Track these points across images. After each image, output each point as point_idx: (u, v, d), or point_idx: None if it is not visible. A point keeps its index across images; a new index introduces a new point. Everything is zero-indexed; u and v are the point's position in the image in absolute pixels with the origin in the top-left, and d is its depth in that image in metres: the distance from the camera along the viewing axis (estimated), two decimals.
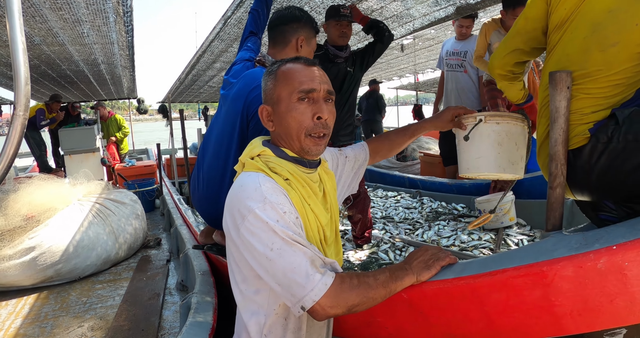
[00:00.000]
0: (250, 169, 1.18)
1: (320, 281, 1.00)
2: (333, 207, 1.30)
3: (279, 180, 1.14)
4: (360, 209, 2.92)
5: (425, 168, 5.23)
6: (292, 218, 1.06)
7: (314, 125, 1.16)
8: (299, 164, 1.20)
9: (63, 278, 3.07)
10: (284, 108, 1.18)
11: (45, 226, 3.13)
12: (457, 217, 3.46)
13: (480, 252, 2.54)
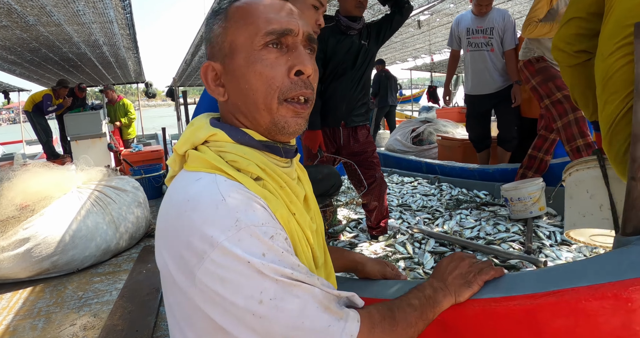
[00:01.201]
0: (197, 166, 0.74)
1: (344, 332, 0.67)
2: (317, 216, 0.96)
3: (247, 181, 0.72)
4: (377, 196, 2.68)
5: (443, 152, 4.95)
6: (282, 243, 0.68)
7: (292, 84, 0.76)
8: (271, 153, 0.80)
9: (60, 271, 2.96)
10: (242, 61, 0.76)
11: (40, 216, 3.01)
12: (479, 205, 3.20)
13: (509, 246, 2.29)
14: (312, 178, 2.01)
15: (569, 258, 2.03)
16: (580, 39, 1.30)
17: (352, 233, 2.95)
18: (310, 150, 2.59)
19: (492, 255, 2.16)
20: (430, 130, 5.60)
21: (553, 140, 3.09)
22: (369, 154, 2.63)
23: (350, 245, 2.70)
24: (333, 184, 2.05)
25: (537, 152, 3.13)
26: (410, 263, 2.32)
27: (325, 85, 2.54)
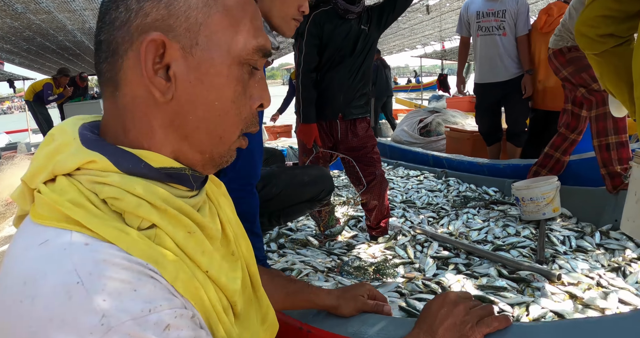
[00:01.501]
0: (46, 217, 0.49)
1: None
2: (240, 243, 0.74)
3: (124, 240, 0.48)
4: (377, 195, 2.50)
5: (451, 144, 4.73)
6: (187, 330, 0.47)
7: (254, 118, 0.63)
8: (175, 184, 0.58)
9: None
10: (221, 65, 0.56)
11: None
12: (488, 203, 3.00)
13: (519, 253, 2.09)
14: (298, 181, 1.84)
15: (585, 270, 1.84)
16: (606, 21, 1.10)
17: (351, 232, 2.78)
18: (305, 145, 2.41)
19: (500, 263, 1.97)
20: (439, 121, 5.37)
21: (573, 141, 2.82)
22: (369, 149, 2.45)
23: (348, 246, 2.53)
24: (323, 189, 1.88)
25: (554, 151, 2.89)
26: (410, 269, 2.14)
27: (321, 75, 2.35)
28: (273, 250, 2.49)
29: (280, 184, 1.74)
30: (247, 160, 1.40)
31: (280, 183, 1.75)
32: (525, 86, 3.55)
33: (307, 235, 2.70)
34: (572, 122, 2.77)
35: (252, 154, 1.40)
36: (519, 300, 1.60)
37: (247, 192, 1.40)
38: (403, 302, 1.69)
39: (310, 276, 2.00)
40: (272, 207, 1.79)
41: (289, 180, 1.78)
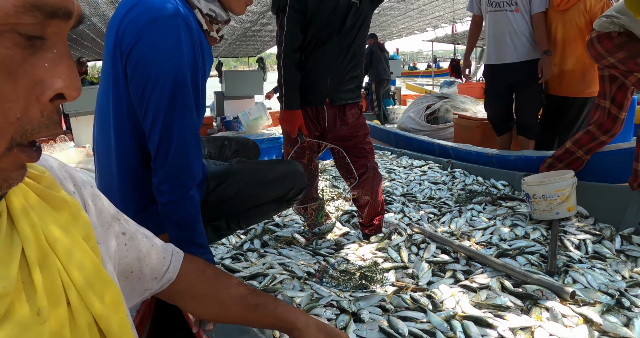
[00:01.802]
0: None
1: None
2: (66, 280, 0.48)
3: None
4: (369, 189, 2.24)
5: (459, 133, 4.43)
6: None
7: (43, 117, 0.39)
8: None
9: None
10: None
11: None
12: (496, 199, 2.72)
13: (527, 261, 1.82)
14: (260, 179, 1.58)
15: (603, 286, 1.56)
16: None
17: (343, 229, 2.53)
18: (290, 135, 2.16)
19: (504, 273, 1.71)
20: (447, 107, 5.06)
21: (602, 143, 2.49)
22: (360, 138, 2.18)
23: (337, 246, 2.28)
24: (291, 187, 1.62)
25: (576, 149, 2.54)
26: (402, 274, 1.89)
27: (305, 55, 2.07)
28: (253, 249, 2.25)
29: (238, 183, 1.50)
30: (178, 157, 1.15)
31: (237, 181, 1.50)
32: (542, 69, 3.22)
33: (294, 232, 2.46)
34: (606, 123, 2.42)
35: (184, 148, 1.16)
36: (523, 324, 1.34)
37: (181, 196, 1.16)
38: (385, 321, 1.44)
39: (284, 283, 1.76)
40: (229, 209, 1.54)
41: (248, 178, 1.53)
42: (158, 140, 1.15)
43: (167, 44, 1.10)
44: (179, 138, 1.14)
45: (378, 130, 5.40)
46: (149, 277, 0.76)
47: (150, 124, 1.15)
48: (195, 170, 1.19)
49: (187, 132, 1.16)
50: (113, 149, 1.26)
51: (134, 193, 1.29)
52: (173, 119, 1.13)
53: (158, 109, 1.13)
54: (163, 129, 1.13)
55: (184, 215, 1.17)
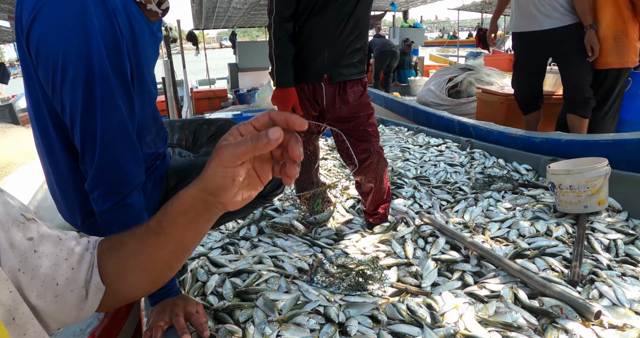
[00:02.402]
0: None
1: None
2: None
3: None
4: (372, 176, 2.03)
5: (482, 109, 4.12)
6: None
7: None
8: None
9: None
10: None
11: (1, 185, 2.71)
12: (517, 186, 2.46)
13: (548, 265, 1.59)
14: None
15: (635, 302, 1.33)
16: None
17: (346, 216, 2.33)
18: None
19: (519, 280, 1.49)
20: (471, 80, 4.71)
21: None
22: (363, 120, 1.94)
23: (337, 236, 2.10)
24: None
25: None
26: (404, 272, 1.69)
27: (299, 25, 1.83)
28: (248, 236, 2.08)
29: None
30: (107, 160, 0.96)
31: None
32: (590, 45, 2.85)
33: (293, 218, 2.28)
34: None
35: (112, 148, 0.96)
36: None
37: (114, 205, 0.97)
38: (374, 336, 1.26)
39: (270, 282, 1.59)
40: None
41: None
42: (81, 142, 0.96)
43: (70, 19, 0.88)
44: (104, 138, 0.94)
45: (396, 103, 5.10)
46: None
47: (70, 123, 0.95)
48: (131, 173, 1.00)
49: (114, 129, 0.96)
50: (42, 149, 1.08)
51: (77, 197, 1.11)
52: (94, 116, 0.93)
53: (74, 105, 0.92)
54: (84, 128, 0.94)
55: (123, 225, 0.98)
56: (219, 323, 1.37)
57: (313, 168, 2.18)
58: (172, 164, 1.30)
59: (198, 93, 7.27)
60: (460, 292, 1.48)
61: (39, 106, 0.99)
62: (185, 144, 1.62)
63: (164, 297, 1.05)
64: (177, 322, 0.96)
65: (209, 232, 2.17)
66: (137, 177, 1.01)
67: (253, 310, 1.39)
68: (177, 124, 1.65)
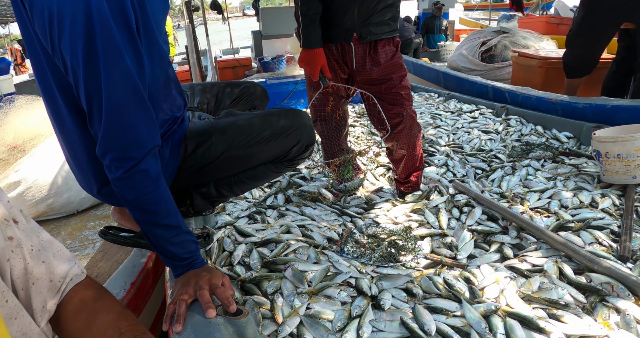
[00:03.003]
0: None
1: None
2: None
3: None
4: (405, 142, 1.93)
5: (518, 73, 3.91)
6: None
7: None
8: None
9: (59, 213, 2.76)
10: None
11: (30, 157, 2.76)
12: (557, 154, 2.33)
13: (594, 238, 1.48)
14: (253, 135, 1.25)
15: None
16: None
17: (377, 184, 2.25)
18: (311, 78, 1.85)
19: (563, 254, 1.39)
20: (505, 44, 4.46)
21: None
22: (395, 82, 1.83)
23: (367, 205, 2.03)
24: (294, 144, 1.33)
25: None
26: (439, 244, 1.62)
27: None
28: (275, 205, 2.04)
29: (224, 142, 1.22)
30: (114, 121, 0.88)
31: (223, 140, 1.22)
32: None
33: (321, 186, 2.21)
34: None
35: (120, 108, 0.88)
36: (585, 332, 1.05)
37: (128, 171, 0.90)
38: (410, 311, 1.20)
39: (298, 252, 1.54)
40: (216, 174, 1.29)
41: (237, 135, 1.24)
42: (87, 101, 0.88)
43: None
44: (111, 95, 0.86)
45: (425, 69, 4.91)
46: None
47: (74, 81, 0.88)
48: (143, 136, 0.92)
49: (120, 85, 0.87)
50: (52, 116, 1.02)
51: (90, 165, 1.06)
52: (97, 72, 0.85)
53: (75, 60, 0.84)
54: (87, 86, 0.86)
55: (139, 193, 0.92)
56: (246, 295, 1.33)
57: (342, 134, 2.09)
58: (190, 127, 1.23)
59: (222, 62, 7.19)
60: (499, 265, 1.40)
61: (42, 68, 0.92)
62: (207, 108, 1.55)
63: (188, 268, 1.00)
64: (202, 295, 0.91)
65: (234, 200, 2.13)
66: (150, 140, 0.94)
67: (281, 281, 1.35)
68: (199, 87, 1.57)
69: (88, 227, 2.62)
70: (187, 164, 1.21)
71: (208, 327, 0.85)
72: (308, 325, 1.16)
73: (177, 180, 1.24)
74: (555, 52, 3.97)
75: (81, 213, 2.81)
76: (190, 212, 1.43)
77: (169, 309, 0.93)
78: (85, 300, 0.71)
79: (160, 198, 0.94)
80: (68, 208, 2.74)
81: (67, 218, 2.74)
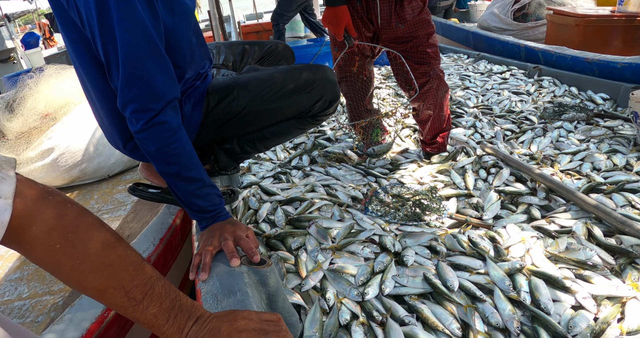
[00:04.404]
0: None
1: None
2: None
3: None
4: (432, 102, 1.89)
5: (553, 33, 3.73)
6: None
7: None
8: None
9: (92, 178, 2.88)
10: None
11: (62, 124, 2.82)
12: (592, 116, 2.24)
13: (628, 201, 1.43)
14: (276, 90, 1.22)
15: None
16: None
17: (402, 146, 2.22)
18: (336, 38, 1.80)
19: (593, 216, 1.36)
20: (540, 1, 4.24)
21: None
22: (422, 40, 1.76)
23: (392, 166, 2.01)
24: (318, 99, 1.30)
25: None
26: (464, 204, 1.60)
27: None
28: (300, 166, 2.04)
29: (246, 97, 1.21)
30: (131, 72, 0.88)
31: (245, 95, 1.21)
32: None
33: (346, 147, 2.20)
34: None
35: (136, 58, 0.88)
36: (612, 293, 1.03)
37: (147, 123, 0.91)
38: (433, 267, 1.20)
39: (323, 210, 1.55)
40: (238, 130, 1.28)
41: (259, 90, 1.22)
42: (104, 54, 0.89)
43: None
44: (126, 47, 0.87)
45: (454, 29, 4.74)
46: None
47: (91, 35, 0.89)
48: (161, 87, 0.92)
49: (135, 37, 0.87)
50: (81, 75, 1.03)
51: (115, 121, 1.08)
52: (111, 24, 0.85)
53: (89, 13, 0.85)
54: (103, 37, 0.87)
55: (161, 145, 0.92)
56: (271, 250, 1.36)
57: (367, 95, 2.05)
58: (212, 83, 1.23)
59: (246, 27, 7.15)
60: (526, 226, 1.38)
61: (68, 25, 0.93)
62: (233, 66, 1.53)
63: (214, 221, 1.02)
64: (226, 245, 0.93)
65: (260, 162, 2.15)
66: (168, 92, 0.94)
67: (305, 237, 1.37)
68: (225, 45, 1.55)
69: (119, 191, 2.71)
70: (209, 118, 1.21)
71: (232, 275, 0.87)
72: (331, 279, 1.18)
73: (200, 136, 1.25)
74: (594, 9, 3.76)
75: (112, 178, 2.90)
76: (215, 169, 1.45)
77: (195, 259, 0.95)
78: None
79: (181, 150, 0.95)
80: (100, 173, 2.83)
81: (99, 183, 2.85)
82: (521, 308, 1.04)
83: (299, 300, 1.12)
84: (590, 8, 3.88)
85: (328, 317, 1.07)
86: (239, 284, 0.85)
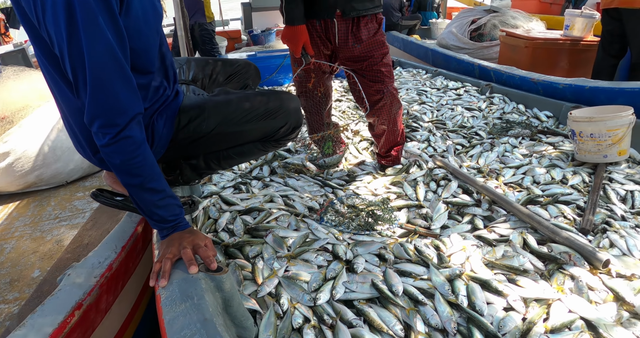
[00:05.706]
0: None
1: None
2: None
3: None
4: (385, 118, 1.99)
5: (505, 53, 3.95)
6: None
7: None
8: None
9: (48, 184, 2.81)
10: None
11: (19, 128, 2.76)
12: (536, 132, 2.40)
13: (560, 212, 1.57)
14: (244, 113, 1.30)
15: None
16: None
17: (359, 158, 2.31)
18: (294, 54, 1.88)
19: (529, 226, 1.48)
20: (495, 23, 4.48)
21: None
22: (377, 59, 1.87)
23: (349, 177, 2.09)
24: (282, 125, 1.39)
25: None
26: (415, 215, 1.70)
27: None
28: (259, 177, 2.10)
29: (215, 118, 1.28)
30: (98, 89, 0.93)
31: (215, 116, 1.28)
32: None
33: (304, 159, 2.27)
34: None
35: (103, 77, 0.93)
36: (539, 295, 1.14)
37: (113, 137, 0.96)
38: (380, 274, 1.28)
39: (280, 220, 1.61)
40: (205, 148, 1.35)
41: (229, 113, 1.30)
42: (72, 72, 0.94)
43: None
44: (93, 65, 0.92)
45: (415, 45, 4.93)
46: None
47: (59, 54, 0.93)
48: (125, 102, 0.97)
49: (102, 56, 0.92)
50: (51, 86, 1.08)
51: (83, 132, 1.12)
52: (80, 43, 0.90)
53: (58, 34, 0.90)
54: (72, 58, 0.91)
55: (126, 158, 0.97)
56: (229, 259, 1.41)
57: (324, 109, 2.14)
58: (185, 102, 1.28)
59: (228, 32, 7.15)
60: (469, 235, 1.49)
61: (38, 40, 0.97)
62: (202, 83, 1.59)
63: (174, 230, 1.07)
64: (185, 253, 0.99)
65: (221, 172, 2.19)
66: (132, 108, 0.99)
67: (262, 246, 1.42)
68: (194, 62, 1.61)
69: (77, 198, 2.67)
70: (179, 136, 1.27)
71: (190, 281, 0.92)
72: (286, 285, 1.24)
73: (169, 151, 1.30)
74: (544, 32, 4.00)
75: (70, 184, 2.85)
76: (178, 181, 1.50)
77: (155, 267, 1.00)
78: None
79: (145, 163, 1.00)
80: (57, 179, 2.77)
81: (56, 189, 2.78)
82: (458, 311, 1.14)
83: (254, 306, 1.17)
84: (541, 31, 4.13)
85: (282, 321, 1.12)
86: (196, 290, 0.90)
